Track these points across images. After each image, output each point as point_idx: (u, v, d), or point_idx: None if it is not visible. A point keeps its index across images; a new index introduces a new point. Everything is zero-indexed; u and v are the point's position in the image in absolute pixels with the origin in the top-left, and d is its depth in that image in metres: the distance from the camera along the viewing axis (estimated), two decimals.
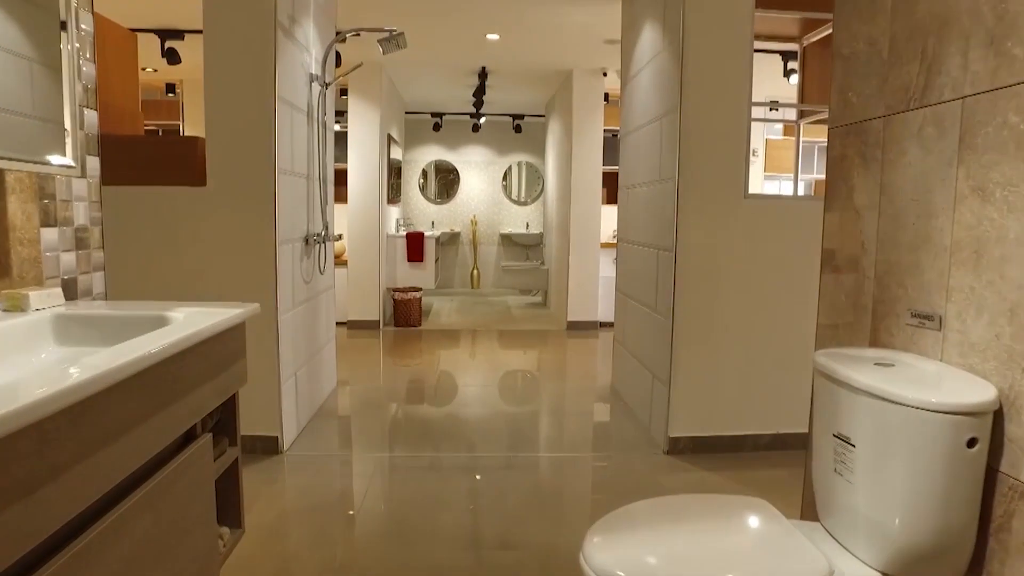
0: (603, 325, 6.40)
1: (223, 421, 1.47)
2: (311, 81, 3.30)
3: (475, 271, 9.27)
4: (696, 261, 2.92)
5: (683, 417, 3.02)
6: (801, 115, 3.47)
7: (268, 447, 2.93)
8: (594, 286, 6.23)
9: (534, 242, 9.17)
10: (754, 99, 2.89)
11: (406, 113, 8.37)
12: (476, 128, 8.59)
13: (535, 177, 9.32)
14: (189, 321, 1.24)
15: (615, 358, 4.19)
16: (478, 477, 2.79)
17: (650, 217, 3.35)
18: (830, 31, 3.20)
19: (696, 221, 2.90)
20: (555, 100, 7.19)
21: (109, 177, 2.83)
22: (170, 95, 6.53)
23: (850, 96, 1.57)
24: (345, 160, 6.07)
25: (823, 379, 1.37)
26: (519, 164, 9.33)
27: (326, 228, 3.44)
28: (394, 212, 7.06)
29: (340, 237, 3.70)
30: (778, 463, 2.98)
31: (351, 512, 2.46)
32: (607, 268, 6.41)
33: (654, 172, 3.28)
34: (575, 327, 6.23)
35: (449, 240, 9.27)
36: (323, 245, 3.51)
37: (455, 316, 6.95)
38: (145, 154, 2.80)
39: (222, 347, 1.34)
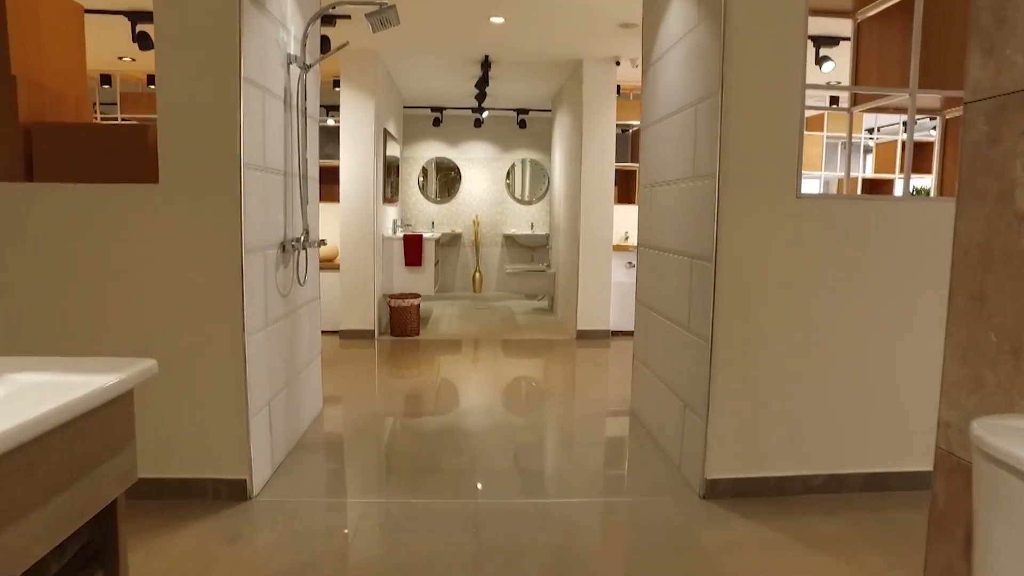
0: (615, 334, 5.95)
1: (96, 545, 1.00)
2: (289, 63, 2.85)
3: (477, 274, 8.83)
4: (740, 273, 2.46)
5: (722, 455, 2.57)
6: (855, 101, 3.01)
7: (235, 492, 2.48)
8: (606, 292, 5.78)
9: (539, 243, 8.71)
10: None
11: (404, 108, 7.92)
12: (478, 123, 8.14)
13: (540, 175, 8.87)
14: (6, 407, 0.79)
15: (635, 377, 3.74)
16: (482, 533, 2.34)
17: (681, 220, 2.90)
18: (893, 1, 2.75)
19: (740, 225, 2.45)
20: (563, 93, 6.74)
21: (43, 173, 2.40)
22: (152, 87, 6.08)
23: (1010, 54, 1.12)
24: (337, 156, 5.63)
25: (1001, 469, 0.92)
26: (523, 161, 8.87)
27: (307, 232, 2.99)
28: (391, 212, 6.62)
29: (324, 243, 3.25)
30: (833, 509, 2.53)
31: None
32: (619, 273, 5.96)
33: (685, 167, 2.83)
34: (585, 336, 5.78)
35: (450, 241, 8.83)
36: (304, 252, 3.07)
37: (456, 324, 6.50)
38: (84, 145, 2.35)
39: (78, 442, 0.89)
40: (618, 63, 5.55)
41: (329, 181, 6.35)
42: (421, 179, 8.77)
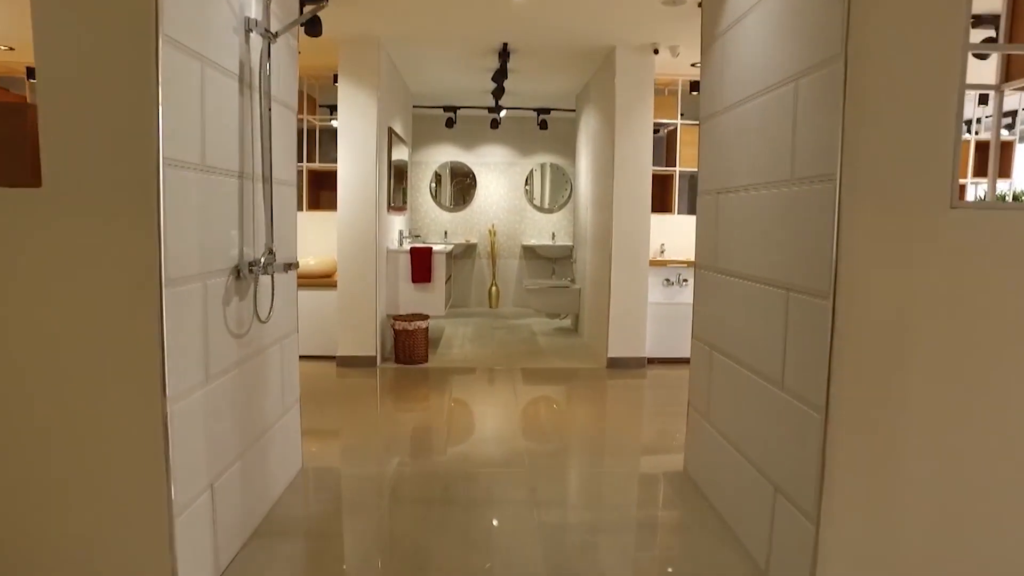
0: (652, 362, 5.19)
1: None
2: (247, 29, 2.16)
3: (494, 288, 8.12)
4: (874, 315, 1.72)
5: (843, 569, 1.81)
6: (1007, 73, 2.24)
7: None
8: (641, 314, 5.03)
9: (562, 255, 7.99)
10: None
11: (414, 107, 7.25)
12: (495, 124, 7.45)
13: (562, 181, 8.15)
14: None
15: (691, 430, 3.00)
16: None
17: (768, 237, 2.15)
18: None
19: (876, 248, 1.70)
20: (590, 88, 6.02)
21: None
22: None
23: None
24: (335, 159, 4.95)
25: None
26: (544, 166, 8.17)
27: (272, 252, 2.29)
28: (398, 222, 5.93)
29: (294, 266, 2.53)
30: None
31: None
32: (656, 291, 5.21)
33: (777, 167, 2.09)
34: (617, 365, 5.03)
35: (464, 252, 8.13)
36: (270, 278, 2.37)
37: (469, 347, 5.78)
38: None
39: None
40: (656, 51, 4.82)
41: (327, 187, 5.69)
42: (433, 185, 8.09)
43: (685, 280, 5.25)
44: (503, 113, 6.51)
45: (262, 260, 2.22)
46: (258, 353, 2.38)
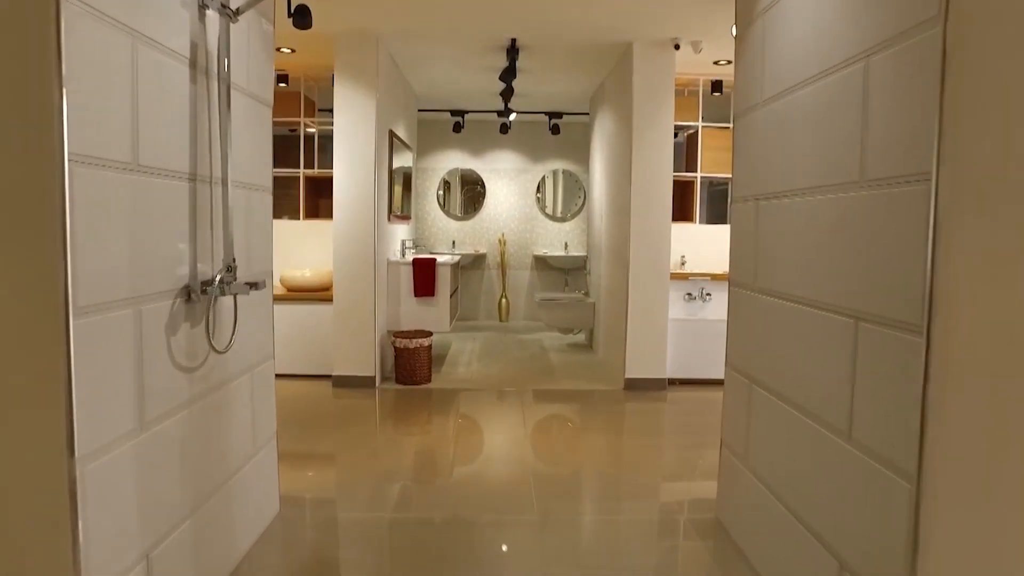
0: (673, 383, 4.79)
1: None
2: (202, 5, 1.82)
3: (503, 300, 7.75)
4: (986, 356, 1.32)
5: None
6: None
7: None
8: (661, 331, 4.64)
9: (575, 266, 7.61)
10: None
11: (420, 111, 6.93)
12: (504, 129, 7.11)
13: (575, 188, 7.79)
14: None
15: (725, 472, 2.60)
16: None
17: (829, 252, 1.77)
18: None
19: (987, 269, 1.31)
20: (605, 89, 5.66)
21: None
22: None
23: None
24: (330, 165, 4.62)
25: None
26: (556, 172, 7.81)
27: (230, 269, 1.93)
28: (401, 231, 5.59)
29: (259, 285, 2.16)
30: None
31: None
32: (677, 307, 4.82)
33: (842, 167, 1.70)
34: (636, 387, 4.64)
35: (473, 263, 7.78)
36: (232, 299, 2.02)
37: (476, 365, 5.41)
38: None
39: None
40: (677, 47, 4.45)
41: (323, 195, 5.37)
42: (440, 193, 7.76)
43: (708, 295, 4.85)
44: (513, 117, 6.17)
45: (218, 279, 1.86)
46: (219, 387, 2.02)
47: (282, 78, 5.25)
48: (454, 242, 7.77)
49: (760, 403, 2.22)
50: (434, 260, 4.89)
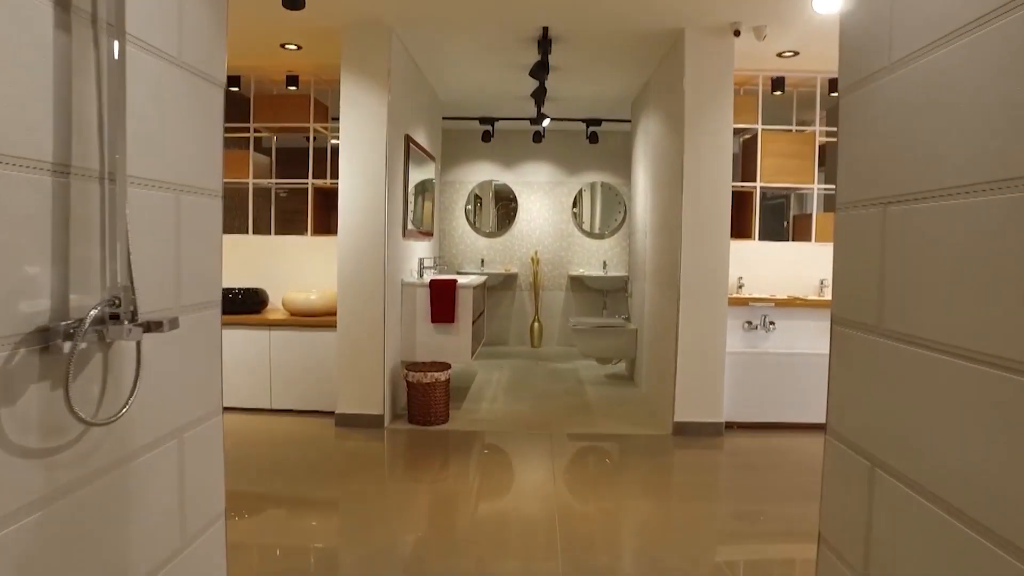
0: (730, 427, 4.08)
1: None
2: None
3: (536, 324, 7.12)
4: None
5: None
6: None
7: None
8: (717, 366, 3.94)
9: (614, 288, 6.94)
10: None
11: (446, 119, 6.41)
12: (538, 138, 6.53)
13: (614, 202, 7.15)
14: None
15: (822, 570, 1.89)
16: None
17: None
18: None
19: None
20: (651, 90, 5.03)
21: None
22: None
23: None
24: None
25: None
26: (594, 185, 7.18)
27: (123, 300, 1.34)
28: (419, 249, 5.03)
29: (159, 326, 1.55)
30: None
31: None
32: (736, 337, 4.12)
33: None
34: (687, 431, 3.94)
35: (503, 283, 7.18)
36: (134, 341, 1.43)
37: (502, 400, 4.78)
38: None
39: None
40: (737, 33, 3.80)
41: (329, 207, 4.85)
42: (469, 208, 7.20)
43: (772, 323, 4.14)
44: (547, 123, 5.59)
45: (91, 316, 1.28)
46: (113, 468, 1.44)
47: (291, 80, 4.78)
48: (483, 260, 7.20)
49: (888, 496, 1.53)
50: (454, 282, 4.30)
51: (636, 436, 3.95)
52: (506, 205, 7.22)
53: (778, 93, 4.67)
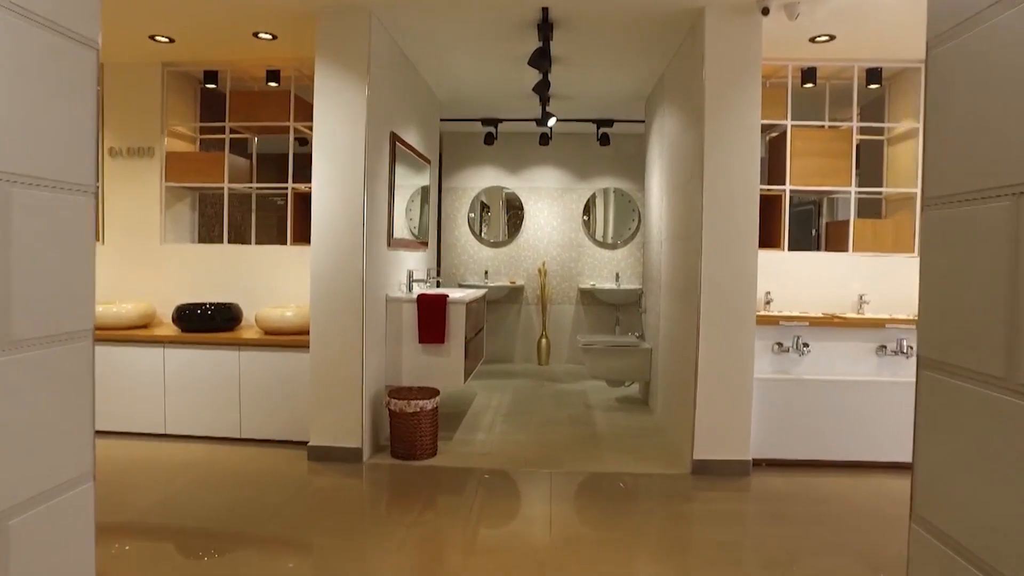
0: (758, 464, 3.55)
1: None
2: None
3: (543, 340, 6.63)
4: None
5: None
6: None
7: None
8: (743, 393, 3.42)
9: (628, 301, 6.44)
10: None
11: (446, 120, 5.97)
12: (545, 140, 6.07)
13: (628, 210, 6.66)
14: None
15: None
16: None
17: None
18: None
19: None
20: (666, 83, 4.55)
21: None
22: None
23: None
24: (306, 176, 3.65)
25: None
26: (606, 192, 6.70)
27: None
28: (409, 260, 4.57)
29: None
30: None
31: None
32: (764, 361, 3.60)
33: None
34: (709, 471, 3.42)
35: (508, 296, 6.71)
36: None
37: (501, 428, 4.29)
38: None
39: None
40: (765, 11, 3.31)
41: (303, 213, 4.41)
42: (471, 215, 6.75)
43: (806, 345, 3.62)
44: (552, 122, 5.13)
45: None
46: None
47: (272, 76, 4.36)
48: (487, 272, 6.73)
49: None
50: (444, 297, 3.83)
51: (649, 476, 3.43)
52: (511, 213, 6.76)
53: (809, 86, 4.17)
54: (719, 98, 3.39)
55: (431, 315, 3.81)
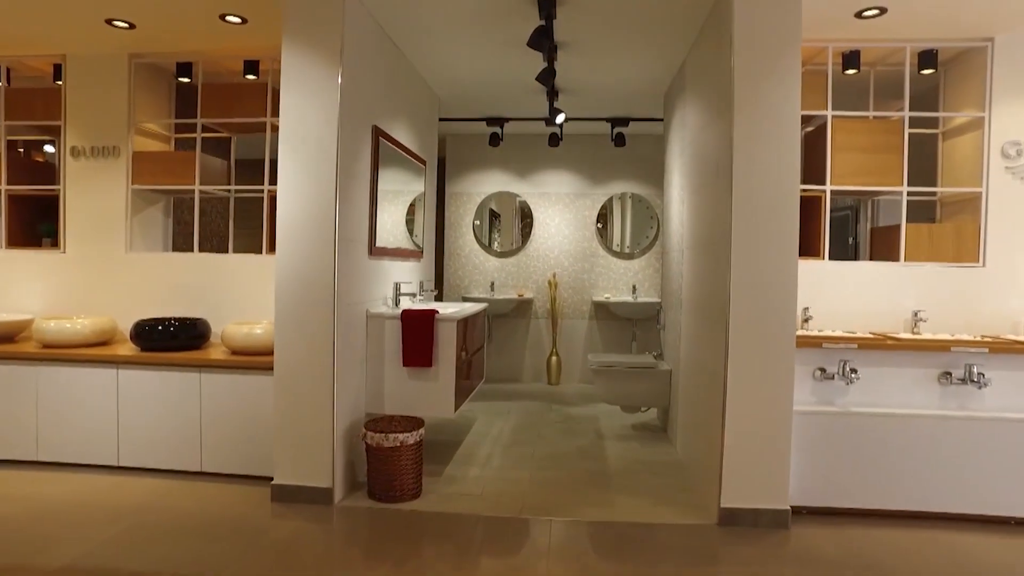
0: (799, 512, 3.00)
1: None
2: None
3: (553, 358, 6.12)
4: None
5: None
6: None
7: None
8: (782, 429, 2.88)
9: (646, 316, 5.92)
10: None
11: (449, 120, 5.53)
12: (555, 140, 5.60)
13: (646, 216, 6.15)
14: None
15: None
16: None
17: None
18: None
19: None
20: (686, 74, 4.05)
21: None
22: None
23: None
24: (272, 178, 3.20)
25: None
26: (623, 197, 6.20)
27: None
28: (397, 271, 4.10)
29: None
30: None
31: None
32: (805, 388, 3.07)
33: None
34: (739, 521, 2.88)
35: (517, 310, 6.22)
36: None
37: (498, 464, 3.78)
38: None
39: None
40: None
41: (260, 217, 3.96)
42: (477, 223, 6.29)
43: (854, 372, 3.07)
44: (562, 119, 4.64)
45: None
46: None
47: (250, 67, 3.95)
48: (493, 284, 6.25)
49: None
50: (432, 313, 3.35)
51: (667, 527, 2.90)
52: (516, 218, 6.28)
53: (851, 72, 3.64)
54: (751, 83, 2.88)
55: (417, 334, 3.33)
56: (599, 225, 6.20)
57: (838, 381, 3.10)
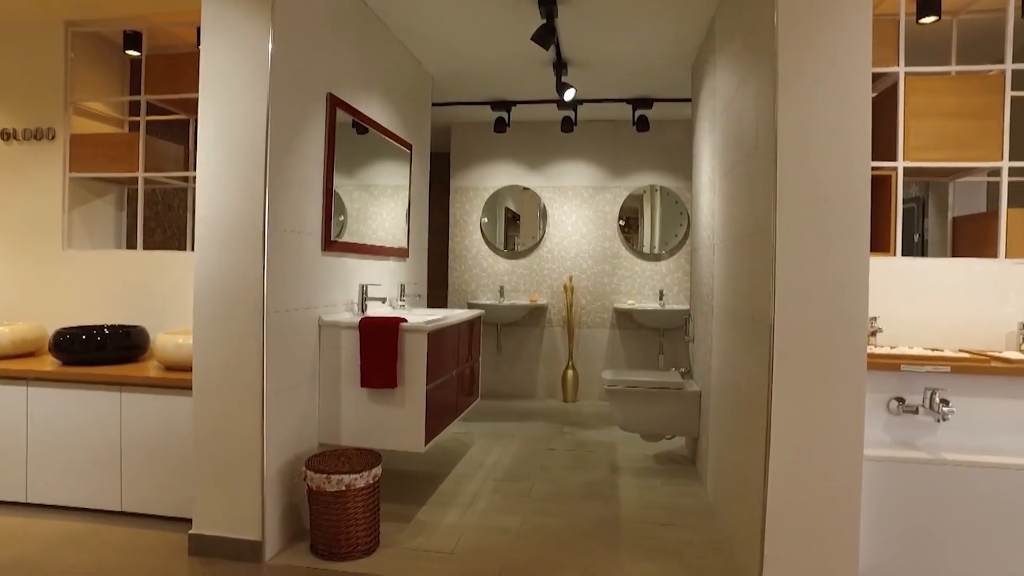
0: None
1: None
2: None
3: (569, 372, 5.41)
4: None
5: None
6: None
7: None
8: (849, 481, 2.13)
9: (674, 325, 5.18)
10: None
11: (445, 104, 4.90)
12: (568, 125, 4.92)
13: (674, 212, 5.41)
14: None
15: None
16: None
17: None
18: None
19: None
20: (715, 36, 3.32)
21: None
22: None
23: None
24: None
25: None
26: (649, 190, 5.48)
27: None
28: (370, 271, 3.47)
29: None
30: None
31: None
32: (876, 424, 2.31)
33: None
34: None
35: (528, 318, 5.55)
36: None
37: (484, 507, 3.09)
38: None
39: None
40: None
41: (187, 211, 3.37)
42: (484, 220, 5.64)
43: (945, 403, 2.29)
44: (571, 94, 3.96)
45: None
46: None
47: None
48: (503, 288, 5.58)
49: None
50: (396, 322, 2.70)
51: None
52: (527, 215, 5.62)
53: (928, 20, 2.88)
54: (800, 36, 2.15)
55: (378, 348, 2.68)
56: (621, 222, 5.49)
57: (923, 416, 2.33)
